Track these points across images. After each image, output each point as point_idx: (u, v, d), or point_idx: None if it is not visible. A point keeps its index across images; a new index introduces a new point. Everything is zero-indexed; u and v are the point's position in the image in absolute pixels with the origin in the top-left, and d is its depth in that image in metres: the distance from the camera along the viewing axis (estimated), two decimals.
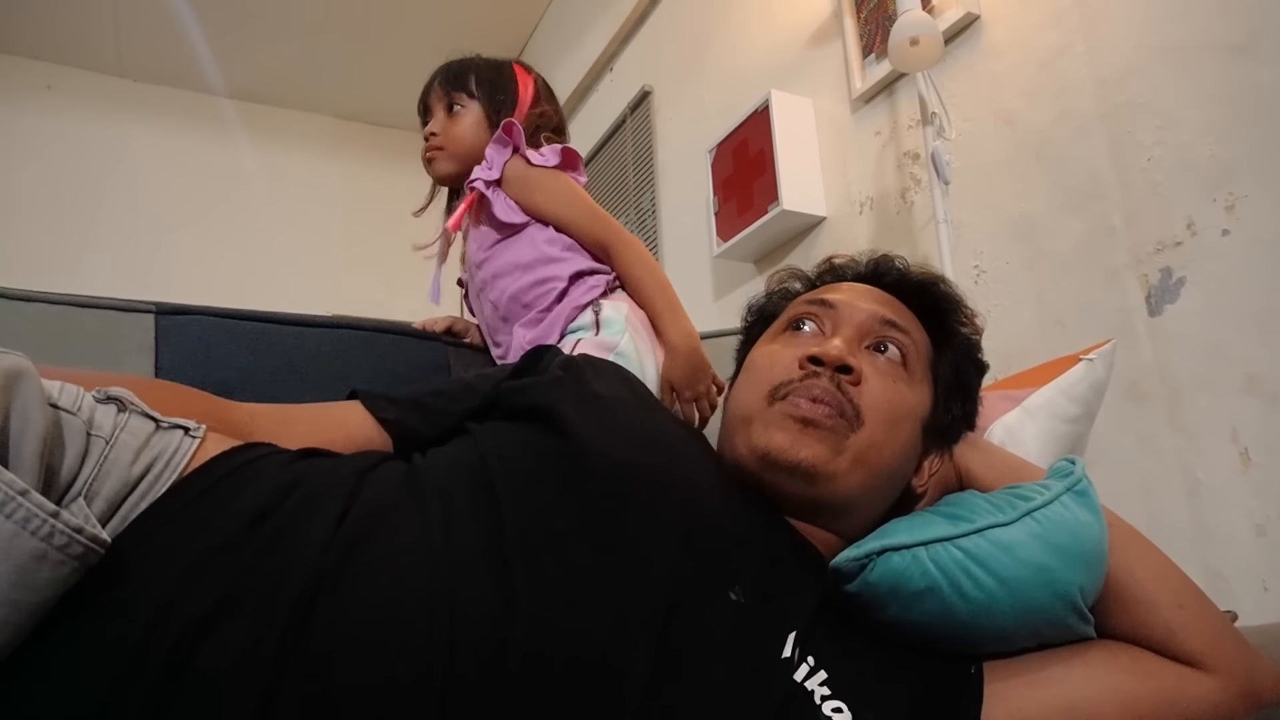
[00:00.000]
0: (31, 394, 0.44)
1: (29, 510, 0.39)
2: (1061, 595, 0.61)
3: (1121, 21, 1.42)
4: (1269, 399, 1.18)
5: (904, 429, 0.67)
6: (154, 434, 0.51)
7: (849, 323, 0.71)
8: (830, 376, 0.65)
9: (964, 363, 0.75)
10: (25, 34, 3.70)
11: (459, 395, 0.73)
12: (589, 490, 0.56)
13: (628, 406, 0.69)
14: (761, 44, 2.37)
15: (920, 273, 0.78)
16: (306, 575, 0.45)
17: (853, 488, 0.64)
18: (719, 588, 0.55)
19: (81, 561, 0.41)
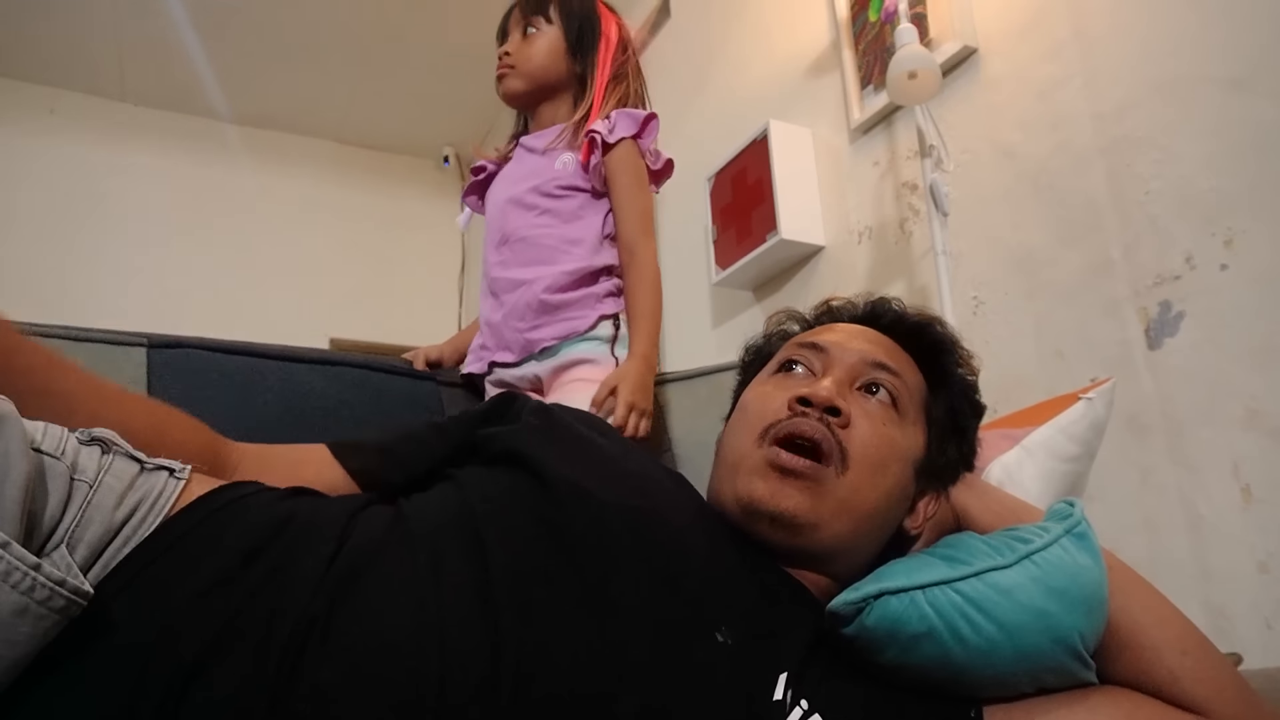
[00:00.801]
0: (13, 439, 0.43)
1: (10, 564, 0.38)
2: (1061, 640, 0.60)
3: (1119, 55, 1.42)
4: (1270, 434, 1.17)
5: (891, 472, 0.67)
6: (138, 476, 0.50)
7: (840, 364, 0.71)
8: (819, 417, 0.65)
9: (959, 404, 0.75)
10: (29, 59, 3.73)
11: (428, 439, 0.73)
12: (572, 532, 0.56)
13: (606, 450, 0.69)
14: (761, 73, 2.38)
15: (917, 314, 0.78)
16: (299, 616, 0.45)
17: (837, 535, 0.64)
18: (705, 629, 0.55)
19: (63, 614, 0.40)
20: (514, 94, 1.34)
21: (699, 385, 1.31)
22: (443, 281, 4.68)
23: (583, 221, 1.26)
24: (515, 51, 1.31)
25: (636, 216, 1.25)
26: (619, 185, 1.25)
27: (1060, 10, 1.53)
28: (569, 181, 1.27)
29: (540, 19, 1.31)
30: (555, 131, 1.32)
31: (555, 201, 1.27)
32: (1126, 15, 1.42)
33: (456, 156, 4.72)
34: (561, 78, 1.32)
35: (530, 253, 1.25)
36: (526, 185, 1.28)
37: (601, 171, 1.26)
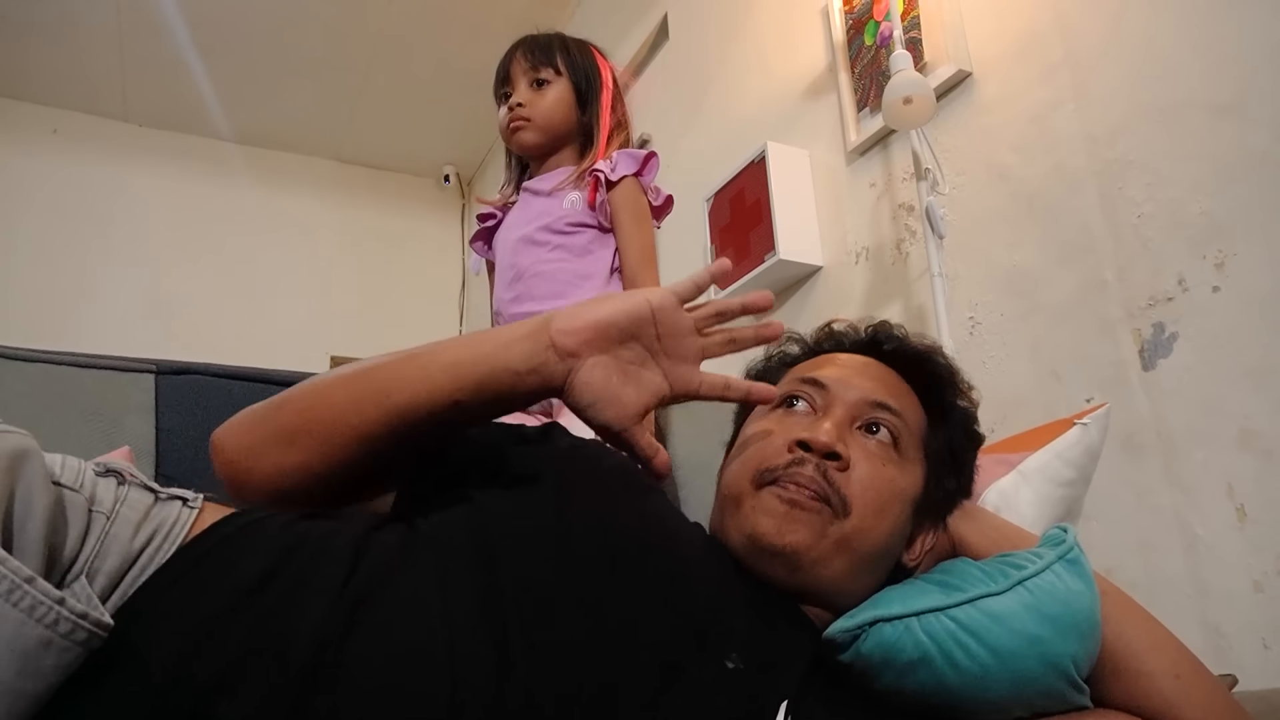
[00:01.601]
0: (35, 474, 0.45)
1: (35, 598, 0.39)
2: (1054, 665, 0.61)
3: (1111, 80, 1.45)
4: (1264, 455, 1.19)
5: (892, 513, 0.68)
6: (153, 506, 0.52)
7: (841, 402, 0.71)
8: (817, 464, 0.65)
9: (958, 437, 0.75)
10: (32, 79, 3.76)
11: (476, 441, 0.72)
12: (585, 558, 0.57)
13: (627, 486, 0.70)
14: (758, 95, 2.41)
15: (918, 343, 0.79)
16: (313, 639, 0.46)
17: (836, 574, 0.65)
18: (715, 656, 0.56)
19: (85, 646, 0.41)
20: (530, 146, 1.38)
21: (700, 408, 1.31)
22: (443, 299, 4.70)
23: (593, 256, 1.30)
24: (529, 104, 1.35)
25: (639, 250, 1.29)
26: (622, 221, 1.30)
27: (1052, 36, 1.55)
28: (578, 219, 1.32)
29: (550, 70, 1.36)
30: (561, 174, 1.37)
31: (566, 238, 1.31)
32: (1117, 41, 1.44)
33: (457, 175, 4.75)
34: (571, 128, 1.38)
35: (544, 287, 1.29)
36: (537, 224, 1.32)
37: (607, 209, 1.30)
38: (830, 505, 0.64)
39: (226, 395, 1.04)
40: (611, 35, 3.33)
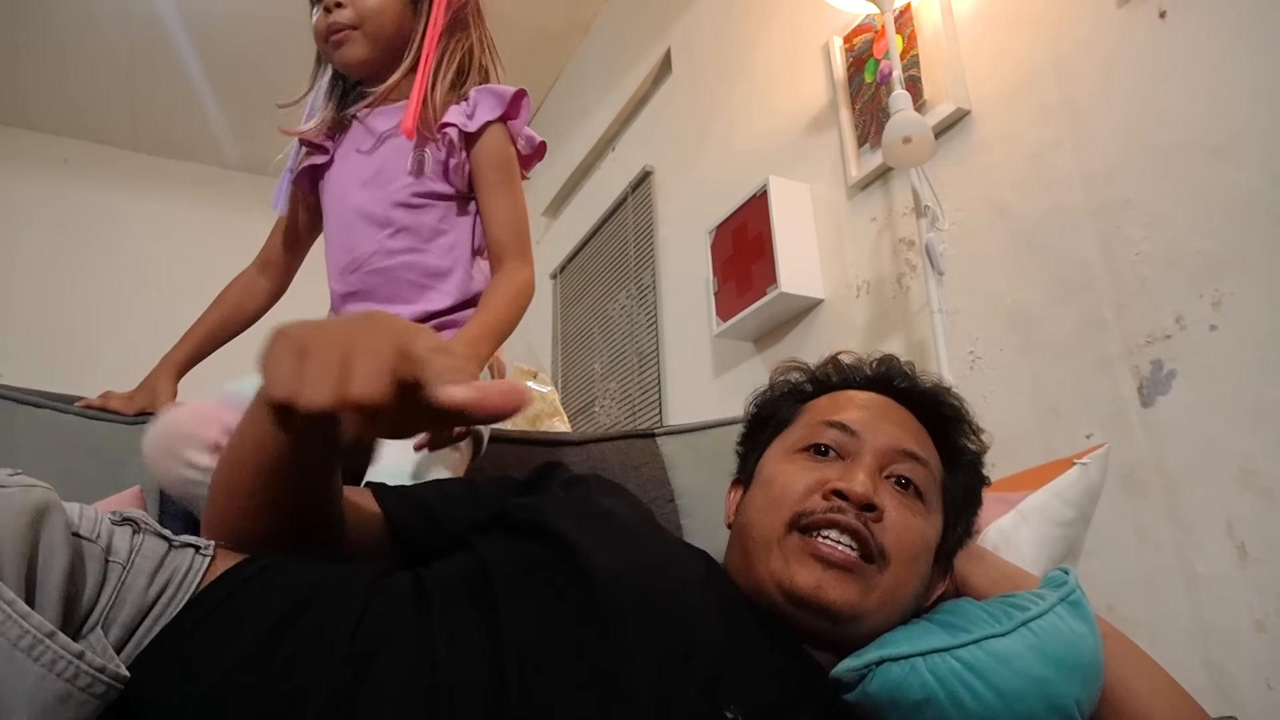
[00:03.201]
0: (56, 529, 0.46)
1: (56, 653, 0.40)
2: (1058, 708, 0.61)
3: (1108, 121, 1.47)
4: (1263, 493, 1.19)
5: (923, 563, 0.69)
6: (167, 554, 0.52)
7: (870, 449, 0.71)
8: (856, 514, 0.65)
9: (972, 482, 0.77)
10: (43, 109, 3.81)
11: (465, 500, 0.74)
12: (587, 608, 0.57)
13: (631, 525, 0.70)
14: (760, 130, 2.44)
15: (927, 383, 0.80)
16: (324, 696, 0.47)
17: (877, 626, 0.66)
18: (718, 706, 0.56)
19: (103, 700, 0.42)
20: (358, 63, 1.08)
21: (701, 439, 1.32)
22: None
23: (446, 239, 1.04)
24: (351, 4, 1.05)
25: (509, 221, 1.04)
26: (487, 183, 1.03)
27: (1048, 76, 1.58)
28: (425, 187, 1.05)
29: None
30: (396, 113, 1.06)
31: (411, 214, 1.04)
32: (1114, 83, 1.47)
33: None
34: (404, 35, 1.07)
35: (386, 289, 1.03)
36: (375, 193, 1.05)
37: (465, 170, 1.04)
38: (871, 559, 0.65)
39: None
40: (615, 69, 3.38)
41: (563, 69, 3.93)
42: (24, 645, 0.40)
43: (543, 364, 3.49)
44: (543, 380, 2.49)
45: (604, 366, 3.17)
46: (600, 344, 3.23)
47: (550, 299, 3.70)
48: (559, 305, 3.64)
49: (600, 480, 0.78)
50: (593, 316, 3.32)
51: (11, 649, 0.39)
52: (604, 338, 3.21)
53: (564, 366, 3.50)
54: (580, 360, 3.38)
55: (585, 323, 3.38)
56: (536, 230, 3.99)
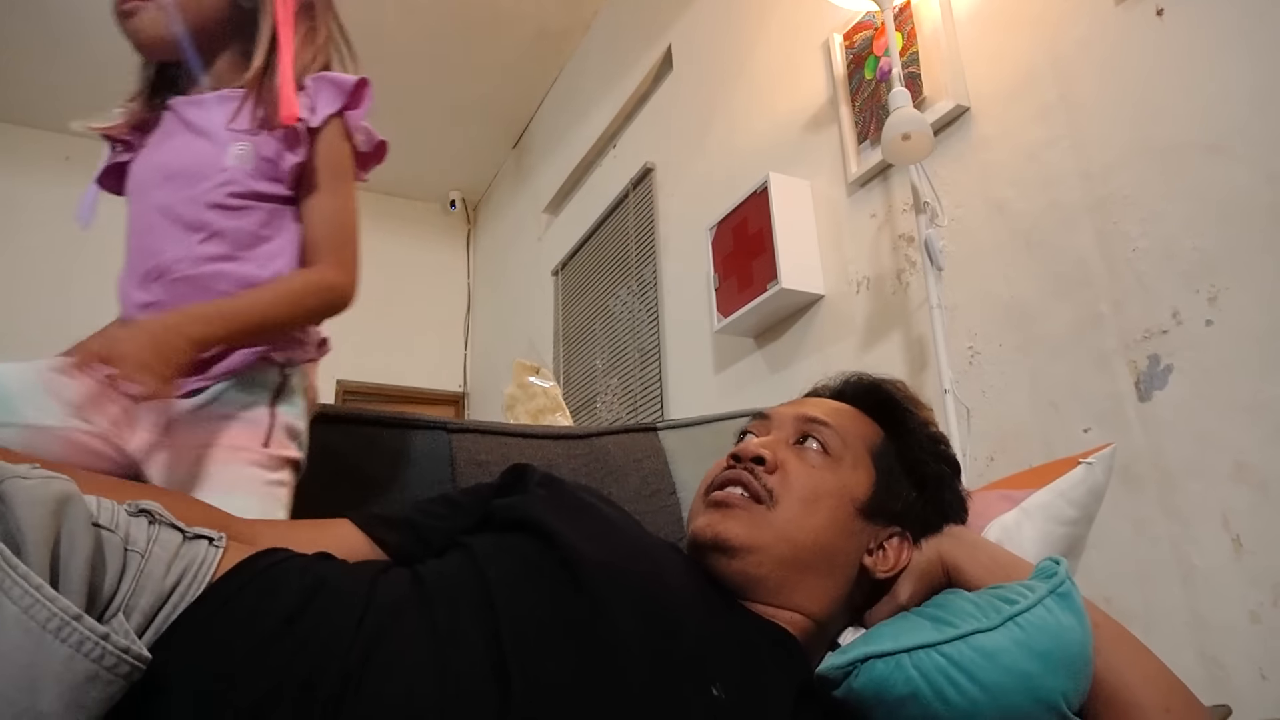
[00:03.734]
0: (78, 518, 0.48)
1: (82, 634, 0.42)
2: (1043, 701, 0.62)
3: (1105, 119, 1.48)
4: (1258, 487, 1.20)
5: (824, 505, 0.73)
6: (181, 545, 0.54)
7: (779, 426, 0.80)
8: (745, 467, 0.74)
9: (915, 452, 0.81)
10: (45, 106, 3.82)
11: (446, 514, 0.78)
12: (576, 596, 0.59)
13: (608, 519, 0.73)
14: (761, 127, 2.45)
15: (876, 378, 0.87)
16: (335, 676, 0.49)
17: (779, 560, 0.70)
18: (702, 685, 0.58)
19: (127, 679, 0.44)
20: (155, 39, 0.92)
21: (702, 433, 1.34)
22: (448, 323, 4.73)
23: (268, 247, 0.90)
24: None
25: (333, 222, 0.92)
26: (314, 182, 0.91)
27: (1046, 75, 1.59)
28: (246, 186, 0.90)
29: None
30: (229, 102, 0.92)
31: (228, 217, 0.89)
32: (1111, 81, 1.48)
33: (463, 201, 4.80)
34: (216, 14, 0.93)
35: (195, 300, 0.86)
36: (183, 192, 0.90)
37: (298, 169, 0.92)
38: (759, 500, 0.72)
39: None
40: (616, 67, 3.39)
41: (564, 66, 3.94)
42: (52, 627, 0.41)
43: (545, 360, 3.51)
44: (545, 376, 2.51)
45: (606, 362, 3.19)
46: (602, 340, 3.25)
47: (552, 296, 3.72)
48: (560, 302, 3.66)
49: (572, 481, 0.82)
50: (594, 313, 3.34)
51: (41, 631, 0.41)
52: (605, 334, 3.22)
53: (566, 362, 3.51)
54: (582, 356, 3.39)
55: (587, 319, 3.40)
56: (538, 227, 4.00)
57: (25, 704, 0.40)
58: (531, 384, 2.42)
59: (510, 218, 4.48)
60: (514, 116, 4.27)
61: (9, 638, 0.41)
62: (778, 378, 2.22)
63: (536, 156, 4.20)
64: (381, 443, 1.09)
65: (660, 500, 1.18)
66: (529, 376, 2.46)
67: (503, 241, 4.56)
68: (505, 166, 4.60)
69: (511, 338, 4.12)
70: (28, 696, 0.40)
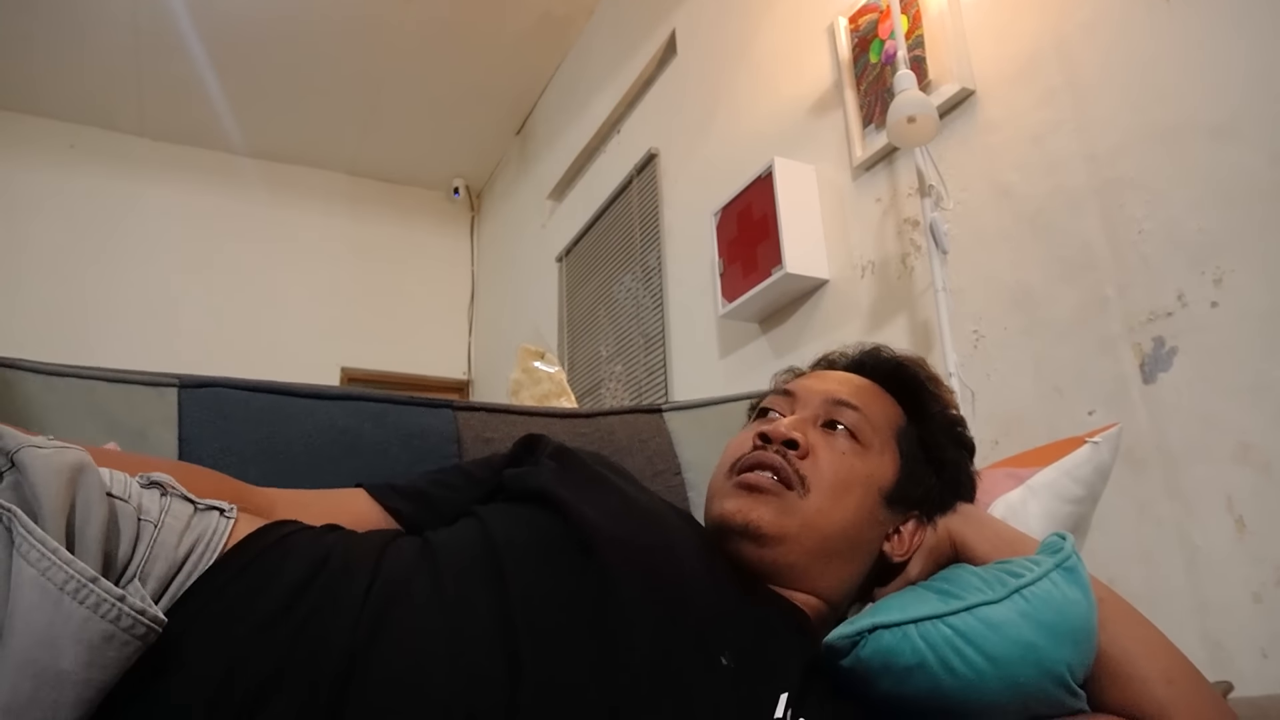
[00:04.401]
0: (93, 486, 0.49)
1: (99, 596, 0.43)
2: (1049, 672, 0.63)
3: (1110, 102, 1.47)
4: (1261, 468, 1.21)
5: (854, 494, 0.72)
6: (193, 516, 0.55)
7: (804, 404, 0.77)
8: (778, 450, 0.71)
9: (937, 436, 0.80)
10: (51, 95, 3.83)
11: (459, 484, 0.78)
12: (586, 565, 0.59)
13: (620, 490, 0.73)
14: (765, 111, 2.44)
15: (897, 356, 0.84)
16: (342, 649, 0.49)
17: (806, 550, 0.69)
18: (711, 654, 0.58)
19: (144, 641, 0.45)
20: None
21: (706, 415, 1.34)
22: (452, 310, 4.74)
23: None
24: None
25: None
26: None
27: (1053, 58, 1.59)
28: None
29: None
30: None
31: None
32: (1116, 64, 1.47)
33: (466, 188, 4.80)
34: None
35: None
36: None
37: None
38: (790, 486, 0.70)
39: (246, 408, 1.07)
40: (620, 51, 3.38)
41: (568, 52, 3.92)
42: (70, 589, 0.42)
43: (549, 347, 3.51)
44: (550, 360, 2.51)
45: (610, 349, 3.19)
46: (606, 326, 3.25)
47: (556, 282, 3.72)
48: (565, 289, 3.66)
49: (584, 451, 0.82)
50: (599, 299, 3.34)
51: (58, 593, 0.42)
52: (610, 320, 3.23)
53: (570, 349, 3.52)
54: (586, 343, 3.40)
55: (591, 306, 3.40)
56: (542, 214, 4.00)
57: (46, 662, 0.41)
58: (536, 369, 2.43)
59: (514, 205, 4.47)
60: (517, 103, 4.26)
61: (28, 599, 0.42)
62: (782, 363, 2.20)
63: (540, 143, 4.19)
64: (389, 420, 1.10)
65: (665, 480, 1.19)
66: (534, 361, 2.46)
67: (506, 228, 4.56)
68: (509, 153, 4.59)
69: (516, 325, 4.12)
70: (48, 655, 0.41)
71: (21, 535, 0.43)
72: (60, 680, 0.41)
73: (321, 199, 4.45)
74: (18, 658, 0.41)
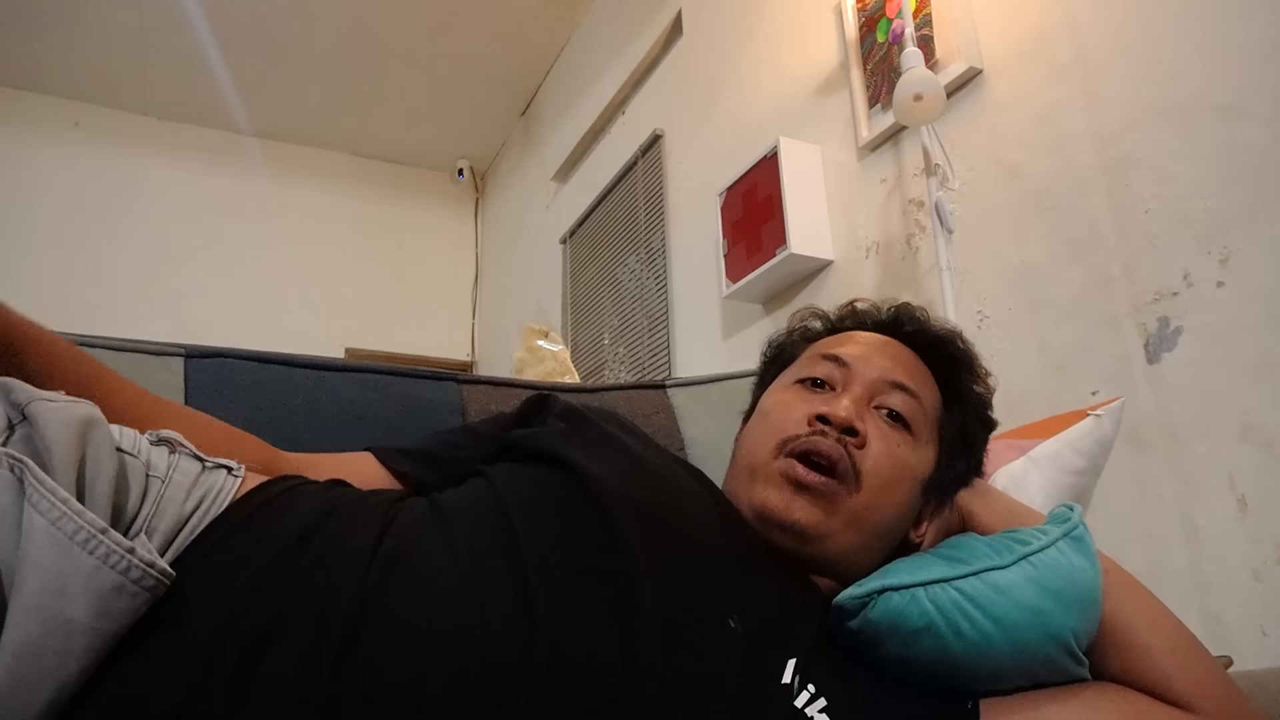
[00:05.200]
0: (103, 441, 0.49)
1: (109, 547, 0.43)
2: (1054, 637, 0.63)
3: (1119, 80, 1.47)
4: (1265, 447, 1.21)
5: (901, 491, 0.70)
6: (201, 473, 0.55)
7: (860, 380, 0.73)
8: (837, 438, 0.68)
9: (972, 422, 0.77)
10: (55, 74, 3.81)
11: (467, 444, 0.77)
12: (595, 524, 0.59)
13: (629, 447, 0.73)
14: (771, 92, 2.43)
15: (938, 327, 0.80)
16: (352, 596, 0.49)
17: (845, 547, 0.68)
18: (719, 616, 0.58)
19: (152, 593, 0.45)
20: None
21: (710, 391, 1.34)
22: (456, 292, 4.74)
23: None
24: None
25: None
26: None
27: (1061, 36, 1.58)
28: None
29: None
30: None
31: None
32: (1125, 42, 1.46)
33: (471, 169, 4.79)
34: None
35: None
36: None
37: None
38: (844, 480, 0.67)
39: (253, 379, 1.07)
40: (625, 31, 3.36)
41: (573, 32, 3.90)
42: (80, 539, 0.43)
43: (553, 328, 3.52)
44: (554, 339, 2.51)
45: (614, 330, 3.19)
46: (610, 308, 3.25)
47: (560, 264, 3.71)
48: (569, 270, 3.66)
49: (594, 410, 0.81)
50: (603, 280, 3.34)
51: (69, 542, 0.42)
52: (614, 301, 3.23)
53: (574, 330, 3.52)
54: (590, 324, 3.40)
55: (595, 287, 3.40)
56: (546, 195, 3.99)
57: (55, 610, 0.41)
58: (540, 347, 2.43)
59: (518, 186, 4.46)
60: (522, 84, 4.24)
61: (39, 548, 0.42)
62: None
63: (545, 124, 4.17)
64: (394, 392, 1.10)
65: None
66: (538, 340, 2.46)
67: (511, 210, 4.55)
68: (513, 134, 4.58)
69: (519, 306, 4.12)
70: (58, 604, 0.41)
71: (33, 486, 0.43)
72: (69, 629, 0.41)
73: (326, 179, 4.44)
74: (28, 604, 0.41)
